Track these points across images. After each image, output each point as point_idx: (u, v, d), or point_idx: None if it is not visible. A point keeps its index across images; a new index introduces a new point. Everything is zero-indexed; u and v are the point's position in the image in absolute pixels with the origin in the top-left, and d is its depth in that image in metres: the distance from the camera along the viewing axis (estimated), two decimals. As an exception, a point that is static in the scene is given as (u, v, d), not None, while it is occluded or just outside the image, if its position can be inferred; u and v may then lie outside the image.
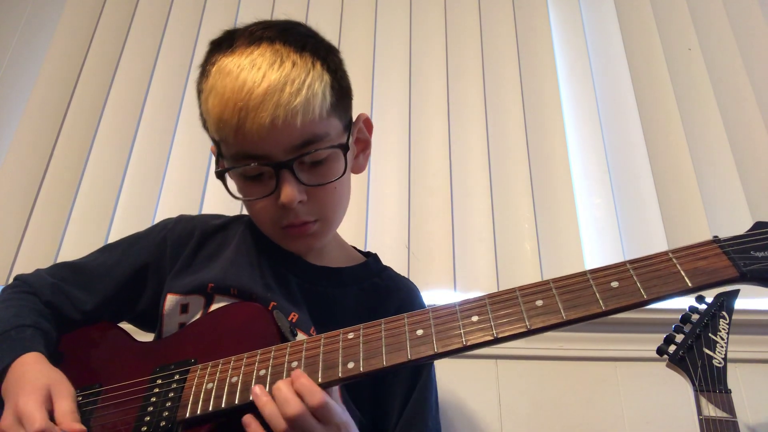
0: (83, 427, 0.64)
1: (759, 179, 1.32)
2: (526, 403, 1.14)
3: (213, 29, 1.52)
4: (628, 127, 1.41)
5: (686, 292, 0.56)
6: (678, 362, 0.93)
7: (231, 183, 0.79)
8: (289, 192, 0.73)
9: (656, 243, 1.27)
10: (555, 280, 0.61)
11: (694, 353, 0.92)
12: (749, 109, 1.40)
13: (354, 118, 0.84)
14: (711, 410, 0.87)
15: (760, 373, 1.15)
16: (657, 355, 0.95)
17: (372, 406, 0.81)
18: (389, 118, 1.42)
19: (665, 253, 0.58)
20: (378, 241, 1.29)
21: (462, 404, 1.14)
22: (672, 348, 0.94)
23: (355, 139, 0.85)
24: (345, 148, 0.76)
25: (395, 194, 1.35)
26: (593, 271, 0.60)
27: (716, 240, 0.58)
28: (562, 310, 0.58)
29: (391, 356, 0.61)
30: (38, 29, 1.60)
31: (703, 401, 0.88)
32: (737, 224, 1.28)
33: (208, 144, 1.39)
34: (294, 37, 0.75)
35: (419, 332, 0.62)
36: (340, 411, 0.62)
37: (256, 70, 0.71)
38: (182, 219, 0.92)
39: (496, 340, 0.59)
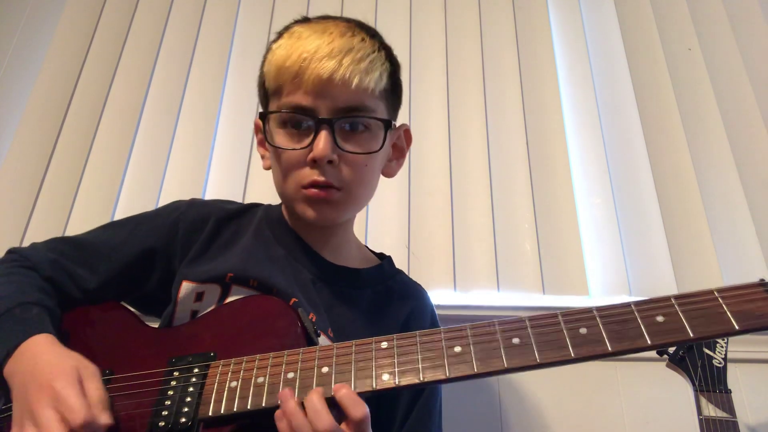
0: (110, 420, 0.62)
1: (759, 179, 1.33)
2: (526, 403, 1.14)
3: (213, 30, 1.54)
4: (628, 127, 1.41)
5: (732, 334, 0.56)
6: (678, 362, 0.93)
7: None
8: (323, 147, 0.74)
9: (656, 243, 1.27)
10: (599, 309, 0.60)
11: (694, 353, 0.92)
12: (749, 109, 1.40)
13: (397, 125, 0.87)
14: (711, 410, 0.87)
15: (760, 373, 1.14)
16: (657, 355, 0.95)
17: (374, 412, 0.80)
18: (389, 118, 1.42)
19: (710, 292, 0.58)
20: (378, 241, 1.29)
21: (462, 404, 1.14)
22: (672, 348, 0.94)
23: (392, 144, 0.88)
24: (388, 124, 0.79)
25: (395, 194, 1.34)
26: (637, 304, 0.59)
27: (763, 283, 0.57)
28: (607, 341, 0.57)
29: (428, 373, 0.59)
30: (38, 29, 1.60)
31: (703, 401, 0.88)
32: (737, 224, 1.28)
33: (209, 141, 1.42)
34: (366, 26, 0.84)
35: (457, 349, 0.60)
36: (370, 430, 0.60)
37: (327, 35, 0.77)
38: (195, 203, 0.90)
39: (539, 365, 0.58)
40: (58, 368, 0.64)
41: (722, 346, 0.92)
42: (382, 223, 1.32)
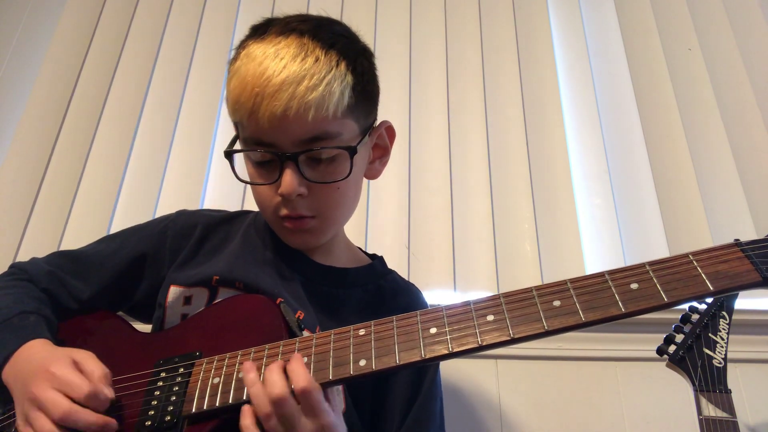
0: (113, 394, 0.64)
1: (759, 179, 1.32)
2: (526, 403, 1.14)
3: (213, 30, 1.54)
4: (628, 127, 1.41)
5: (707, 295, 0.55)
6: (678, 362, 0.93)
7: (240, 166, 0.80)
8: (289, 184, 0.73)
9: (656, 243, 1.27)
10: (572, 281, 0.59)
11: (694, 353, 0.92)
12: (749, 109, 1.40)
13: (377, 124, 0.84)
14: (711, 410, 0.87)
15: (760, 373, 1.14)
16: (657, 355, 0.95)
17: (373, 410, 0.80)
18: (389, 118, 1.41)
19: (685, 255, 0.57)
20: (378, 241, 1.29)
21: (462, 404, 1.14)
22: (672, 348, 0.94)
23: (373, 145, 0.85)
24: (352, 151, 0.75)
25: (395, 194, 1.34)
26: (612, 272, 0.59)
27: (738, 243, 0.57)
28: (580, 311, 0.57)
29: (404, 354, 0.60)
30: (38, 29, 1.60)
31: (703, 401, 0.88)
32: (737, 224, 1.28)
33: (208, 143, 1.42)
34: (325, 34, 0.76)
35: (433, 330, 0.60)
36: (327, 409, 0.60)
37: (278, 60, 0.72)
38: (184, 212, 0.92)
39: (513, 341, 0.58)
40: (52, 356, 0.66)
41: (722, 346, 0.92)
42: (382, 223, 1.32)
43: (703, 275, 0.55)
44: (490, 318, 0.59)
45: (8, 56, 1.55)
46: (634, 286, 0.57)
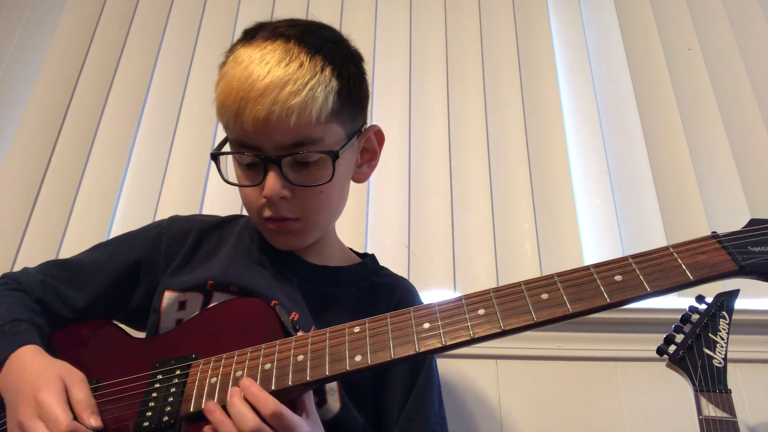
0: (100, 423, 0.65)
1: (759, 179, 1.33)
2: (526, 403, 1.14)
3: (213, 29, 1.54)
4: (628, 127, 1.41)
5: (688, 285, 0.57)
6: (678, 362, 0.93)
7: (230, 169, 0.81)
8: (272, 186, 0.74)
9: (656, 243, 1.25)
10: (559, 274, 0.61)
11: (694, 353, 0.92)
12: (749, 109, 1.40)
13: (366, 127, 0.85)
14: (711, 410, 0.87)
15: (760, 373, 1.15)
16: (657, 355, 0.95)
17: (375, 403, 0.81)
18: (389, 119, 1.42)
19: (666, 248, 0.60)
20: (378, 241, 1.29)
21: (462, 404, 1.14)
22: (672, 348, 0.95)
23: (361, 149, 0.86)
24: (335, 156, 0.76)
25: (395, 194, 1.34)
26: (596, 266, 0.61)
27: (715, 235, 0.60)
28: (567, 303, 0.59)
29: (399, 349, 0.61)
30: (38, 29, 1.60)
31: (703, 401, 0.88)
32: (737, 224, 1.27)
33: (208, 144, 1.42)
34: (312, 39, 0.77)
35: (426, 325, 0.62)
36: (299, 422, 0.61)
37: (263, 65, 0.73)
38: (177, 218, 0.93)
39: (504, 333, 0.59)
40: (43, 379, 0.67)
41: (722, 347, 0.92)
42: (382, 223, 1.32)
43: (683, 266, 0.58)
44: (481, 312, 0.61)
45: (8, 56, 1.55)
46: (618, 278, 0.59)
